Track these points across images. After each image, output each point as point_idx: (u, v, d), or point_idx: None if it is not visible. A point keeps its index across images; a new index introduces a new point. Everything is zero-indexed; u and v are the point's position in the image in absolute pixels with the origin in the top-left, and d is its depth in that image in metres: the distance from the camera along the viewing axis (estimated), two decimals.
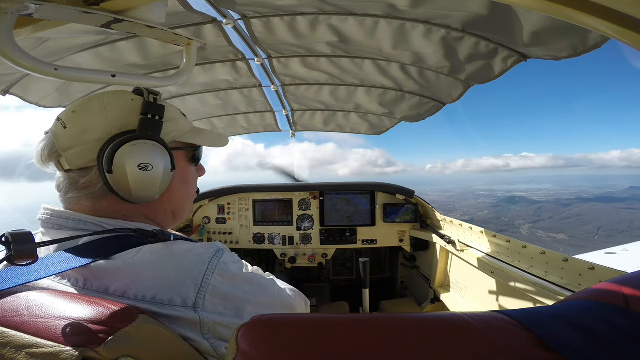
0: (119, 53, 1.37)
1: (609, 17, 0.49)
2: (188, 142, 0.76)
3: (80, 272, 0.57)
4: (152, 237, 0.64)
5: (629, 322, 0.33)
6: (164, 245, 0.61)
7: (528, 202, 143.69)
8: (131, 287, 0.55)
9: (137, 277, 0.56)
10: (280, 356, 0.31)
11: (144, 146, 0.63)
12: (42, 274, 0.53)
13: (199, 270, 0.58)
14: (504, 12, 1.00)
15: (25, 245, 0.50)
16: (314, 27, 1.28)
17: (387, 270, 2.94)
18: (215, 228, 2.49)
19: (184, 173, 0.76)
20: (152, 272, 0.56)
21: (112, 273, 0.56)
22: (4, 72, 1.25)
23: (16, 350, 0.41)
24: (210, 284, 0.58)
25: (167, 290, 0.55)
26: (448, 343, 0.32)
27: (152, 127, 0.65)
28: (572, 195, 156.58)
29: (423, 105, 1.96)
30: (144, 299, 0.54)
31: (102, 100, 0.66)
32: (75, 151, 0.63)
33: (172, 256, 0.59)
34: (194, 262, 0.59)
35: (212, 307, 0.57)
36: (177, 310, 0.54)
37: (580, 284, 1.06)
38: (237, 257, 0.69)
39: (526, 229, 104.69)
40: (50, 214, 0.65)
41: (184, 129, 0.75)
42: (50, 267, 0.54)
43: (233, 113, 2.35)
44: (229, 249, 0.69)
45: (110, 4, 0.63)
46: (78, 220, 0.64)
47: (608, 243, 54.90)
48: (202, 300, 0.56)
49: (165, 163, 0.67)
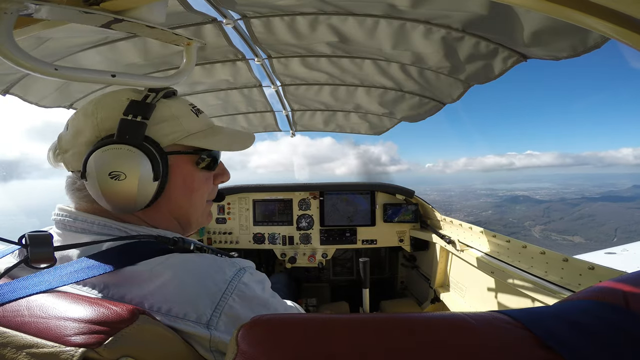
0: (119, 53, 1.37)
1: (609, 17, 0.49)
2: (193, 145, 0.68)
3: (102, 278, 0.55)
4: (172, 245, 0.61)
5: (629, 322, 0.33)
6: (191, 257, 0.58)
7: (533, 201, 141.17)
8: (148, 298, 0.53)
9: (157, 289, 0.53)
10: (280, 356, 0.31)
11: (116, 152, 0.57)
12: (67, 279, 0.52)
13: (218, 289, 0.56)
14: (504, 12, 1.00)
15: (43, 249, 0.49)
16: (314, 27, 1.28)
17: (387, 270, 2.94)
18: (215, 228, 2.49)
19: (188, 180, 0.69)
20: (173, 285, 0.54)
21: (134, 281, 0.54)
22: (4, 72, 1.25)
23: (17, 350, 0.41)
24: (228, 304, 0.55)
25: (184, 305, 0.53)
26: (448, 343, 0.32)
27: (131, 129, 0.59)
28: (576, 195, 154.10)
29: (423, 105, 1.96)
30: (159, 311, 0.52)
31: (99, 100, 0.64)
32: (70, 154, 0.63)
33: (195, 271, 0.57)
34: (215, 281, 0.57)
35: (224, 327, 0.55)
36: (189, 326, 0.53)
37: (580, 283, 1.06)
38: (260, 277, 0.64)
39: (538, 231, 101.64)
40: (73, 216, 0.63)
41: (190, 129, 0.67)
42: (75, 273, 0.53)
43: (233, 113, 2.35)
44: (254, 267, 0.65)
45: (110, 4, 0.63)
46: (103, 225, 0.62)
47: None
48: (216, 319, 0.54)
49: (144, 171, 0.59)
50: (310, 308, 2.43)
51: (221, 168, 0.79)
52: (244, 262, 0.64)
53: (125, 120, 0.59)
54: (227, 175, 0.80)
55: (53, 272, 0.54)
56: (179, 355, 0.51)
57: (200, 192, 0.72)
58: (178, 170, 0.66)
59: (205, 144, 0.69)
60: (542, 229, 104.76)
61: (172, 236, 0.63)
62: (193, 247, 0.64)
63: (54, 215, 0.64)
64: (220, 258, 0.62)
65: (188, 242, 0.65)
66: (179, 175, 0.67)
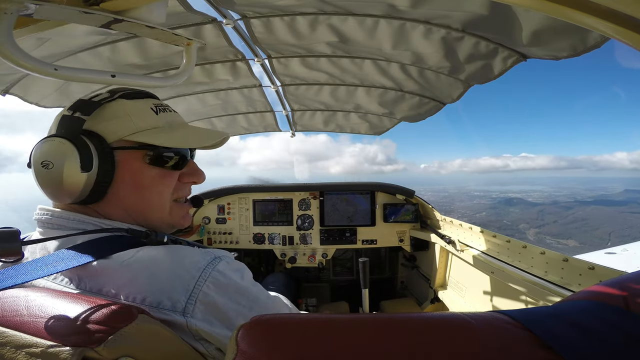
0: (119, 53, 1.37)
1: (609, 17, 0.49)
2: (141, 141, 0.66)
3: (76, 272, 0.57)
4: (145, 238, 0.63)
5: (628, 322, 0.33)
6: (162, 249, 0.59)
7: (526, 204, 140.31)
8: (123, 289, 0.54)
9: (131, 279, 0.55)
10: (280, 356, 0.31)
11: (49, 144, 0.61)
12: (40, 273, 0.54)
13: (192, 277, 0.56)
14: (504, 12, 1.00)
15: (11, 243, 0.52)
16: (314, 27, 1.28)
17: (387, 270, 2.94)
18: (215, 228, 2.49)
19: (137, 176, 0.67)
20: (146, 275, 0.55)
21: (107, 273, 0.56)
22: (4, 72, 1.25)
23: (16, 350, 0.41)
24: (202, 291, 0.55)
25: (157, 294, 0.54)
26: (448, 343, 0.32)
27: (67, 124, 0.63)
28: (569, 198, 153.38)
29: (423, 105, 1.96)
30: (134, 301, 0.54)
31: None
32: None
33: (168, 261, 0.57)
34: (188, 269, 0.57)
35: (201, 315, 0.55)
36: (165, 314, 0.53)
37: (580, 284, 1.06)
38: (237, 266, 0.64)
39: (533, 234, 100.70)
40: (50, 214, 0.65)
41: (140, 126, 0.66)
42: (48, 266, 0.54)
43: (233, 113, 2.35)
44: (232, 257, 0.65)
45: (110, 4, 0.63)
46: (78, 221, 0.64)
47: None
48: (192, 306, 0.54)
49: (72, 161, 0.60)
50: (310, 308, 2.43)
51: (191, 167, 0.76)
52: (220, 251, 0.63)
53: (66, 115, 0.64)
54: (198, 176, 0.77)
55: (29, 265, 0.56)
56: (178, 354, 0.51)
57: (154, 189, 0.69)
58: (126, 165, 0.66)
59: (152, 139, 0.66)
60: (536, 232, 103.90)
61: (143, 230, 0.65)
62: (167, 240, 0.66)
63: (35, 215, 0.67)
64: (195, 248, 0.63)
65: (160, 235, 0.67)
66: (126, 171, 0.66)
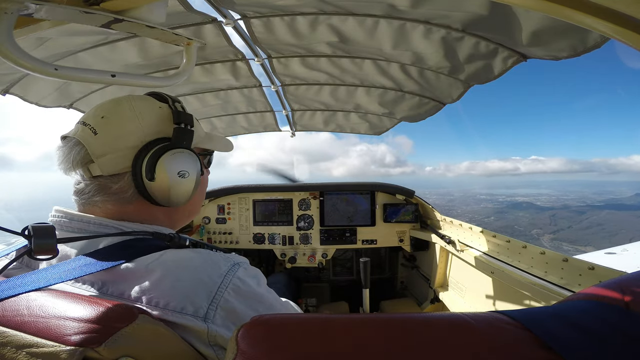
0: (119, 53, 1.37)
1: (609, 17, 0.49)
2: (204, 148, 0.80)
3: (99, 276, 0.56)
4: (169, 241, 0.64)
5: (628, 322, 0.33)
6: (186, 253, 0.60)
7: (536, 208, 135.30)
8: (146, 293, 0.54)
9: (154, 284, 0.54)
10: (280, 356, 0.31)
11: (182, 155, 0.67)
12: (64, 277, 0.52)
13: (214, 283, 0.57)
14: (504, 12, 1.00)
15: (47, 240, 0.50)
16: (314, 27, 1.28)
17: (387, 270, 2.94)
18: (215, 228, 2.49)
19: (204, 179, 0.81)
20: (169, 280, 0.55)
21: (131, 278, 0.55)
22: (4, 72, 1.25)
23: (16, 350, 0.41)
24: (224, 298, 0.57)
25: (181, 299, 0.54)
26: (448, 343, 0.32)
27: (186, 136, 0.69)
28: (579, 202, 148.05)
29: (423, 105, 1.96)
30: (157, 305, 0.53)
31: (131, 105, 0.66)
32: (109, 158, 0.63)
33: (191, 266, 0.58)
34: (210, 274, 0.58)
35: (221, 321, 0.56)
36: (187, 319, 0.53)
37: (580, 284, 1.06)
38: (253, 272, 0.66)
39: (548, 240, 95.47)
40: (69, 217, 0.64)
41: (200, 134, 0.78)
42: (72, 271, 0.53)
43: (233, 113, 2.35)
44: (248, 262, 0.68)
45: (110, 4, 0.63)
46: (99, 224, 0.63)
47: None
48: (213, 312, 0.55)
49: (197, 170, 0.70)
50: (310, 308, 2.43)
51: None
52: (238, 257, 0.66)
53: (180, 128, 0.69)
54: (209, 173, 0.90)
55: (50, 270, 0.54)
56: (178, 354, 0.51)
57: (205, 187, 0.84)
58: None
59: (212, 146, 0.81)
60: (551, 237, 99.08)
61: (167, 232, 0.66)
62: (188, 243, 0.67)
63: (51, 216, 0.66)
64: (215, 253, 0.64)
65: (183, 238, 0.68)
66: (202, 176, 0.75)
